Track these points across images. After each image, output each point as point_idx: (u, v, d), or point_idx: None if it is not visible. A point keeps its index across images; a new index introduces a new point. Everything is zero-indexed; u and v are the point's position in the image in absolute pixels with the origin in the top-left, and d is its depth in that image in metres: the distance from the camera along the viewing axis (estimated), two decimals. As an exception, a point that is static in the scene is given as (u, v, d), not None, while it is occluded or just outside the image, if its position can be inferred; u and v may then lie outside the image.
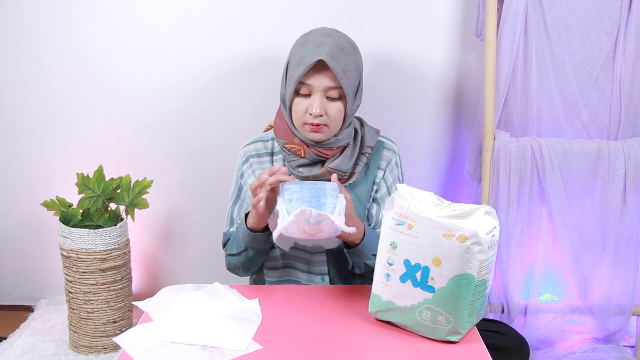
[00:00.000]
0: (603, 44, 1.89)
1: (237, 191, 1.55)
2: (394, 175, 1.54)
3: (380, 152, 1.54)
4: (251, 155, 1.53)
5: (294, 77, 1.38)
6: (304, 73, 1.36)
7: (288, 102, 1.42)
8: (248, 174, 1.52)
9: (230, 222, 1.56)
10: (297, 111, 1.41)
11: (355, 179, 1.49)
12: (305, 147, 1.44)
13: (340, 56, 1.37)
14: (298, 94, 1.40)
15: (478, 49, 1.98)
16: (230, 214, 1.56)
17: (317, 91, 1.38)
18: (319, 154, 1.44)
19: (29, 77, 2.08)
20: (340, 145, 1.45)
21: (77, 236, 1.90)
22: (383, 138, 1.56)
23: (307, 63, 1.35)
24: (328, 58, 1.34)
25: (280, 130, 1.48)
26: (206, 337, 1.15)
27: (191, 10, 2.01)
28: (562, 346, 1.99)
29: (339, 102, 1.40)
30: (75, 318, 1.98)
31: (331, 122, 1.41)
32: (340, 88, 1.38)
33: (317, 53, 1.35)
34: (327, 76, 1.37)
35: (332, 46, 1.36)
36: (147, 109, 2.10)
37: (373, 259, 1.37)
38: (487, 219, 1.13)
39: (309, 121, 1.40)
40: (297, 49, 1.41)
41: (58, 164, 2.15)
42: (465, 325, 1.15)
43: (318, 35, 1.40)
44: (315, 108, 1.37)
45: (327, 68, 1.36)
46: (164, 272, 2.28)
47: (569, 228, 1.94)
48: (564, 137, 1.95)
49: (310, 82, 1.38)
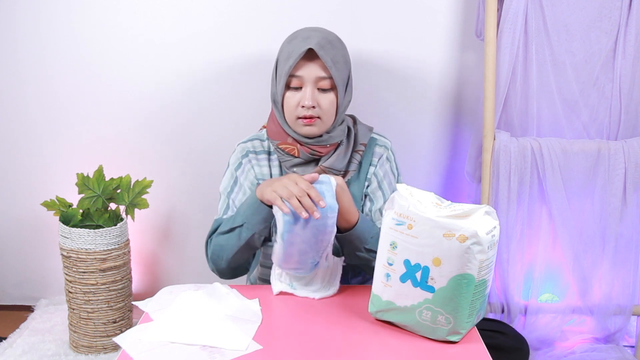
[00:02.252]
0: (603, 44, 1.89)
1: (233, 182, 1.51)
2: (384, 169, 1.53)
3: (372, 148, 1.54)
4: (250, 151, 1.53)
5: (284, 71, 1.39)
6: (294, 64, 1.38)
7: (279, 98, 1.43)
8: (248, 168, 1.51)
9: (225, 210, 1.50)
10: (289, 106, 1.42)
11: (349, 177, 1.49)
12: (299, 146, 1.44)
13: (329, 47, 1.40)
14: (289, 87, 1.42)
15: (478, 49, 1.98)
16: (227, 202, 1.50)
17: (308, 82, 1.40)
18: (312, 152, 1.44)
19: (29, 77, 2.08)
20: (333, 143, 1.46)
21: (77, 236, 1.90)
22: (376, 135, 1.56)
23: (296, 54, 1.38)
24: (317, 47, 1.37)
25: (272, 132, 1.49)
26: (206, 337, 1.15)
27: (191, 11, 2.01)
28: (562, 346, 1.99)
29: (330, 93, 1.41)
30: (75, 318, 1.98)
31: (324, 114, 1.41)
32: (331, 78, 1.40)
33: (305, 44, 1.38)
34: (317, 65, 1.39)
35: (319, 37, 1.39)
36: (147, 108, 2.10)
37: (364, 252, 1.37)
38: (487, 219, 1.13)
39: (301, 114, 1.41)
40: (285, 45, 1.44)
41: (58, 164, 2.15)
42: (465, 325, 1.15)
43: (305, 31, 1.43)
44: (307, 99, 1.39)
45: (317, 58, 1.38)
46: (164, 272, 2.28)
47: (569, 228, 1.94)
48: (564, 137, 1.95)
49: (300, 74, 1.39)
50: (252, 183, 1.51)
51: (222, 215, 1.50)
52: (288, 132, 1.45)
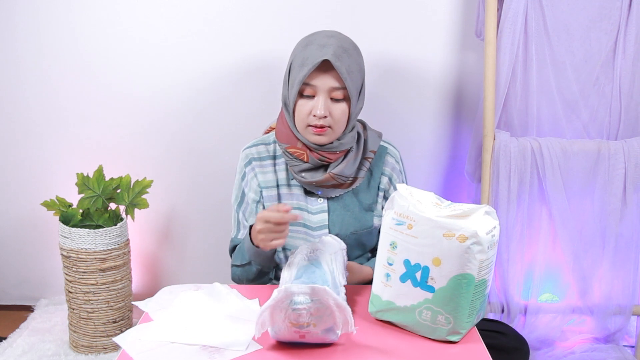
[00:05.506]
0: (603, 44, 1.89)
1: (241, 194, 1.52)
2: (400, 182, 1.52)
3: (383, 157, 1.53)
4: (254, 158, 1.51)
5: (298, 78, 1.37)
6: (309, 74, 1.35)
7: (291, 104, 1.41)
8: (251, 177, 1.50)
9: (237, 227, 1.53)
10: (300, 113, 1.40)
11: (358, 184, 1.48)
12: (308, 152, 1.42)
13: (345, 56, 1.36)
14: (302, 95, 1.39)
15: (478, 49, 1.98)
16: (237, 218, 1.53)
17: (321, 92, 1.37)
18: (322, 158, 1.42)
19: (29, 77, 2.08)
20: (343, 150, 1.44)
21: (77, 236, 1.90)
22: (385, 143, 1.55)
23: (311, 63, 1.34)
24: (333, 58, 1.33)
25: (282, 134, 1.46)
26: (206, 337, 1.15)
27: (190, 11, 2.01)
28: (562, 346, 1.99)
29: (343, 103, 1.39)
30: (75, 318, 1.98)
31: (335, 124, 1.39)
32: (345, 89, 1.37)
33: (321, 53, 1.34)
34: (332, 76, 1.36)
35: (336, 46, 1.36)
36: (147, 109, 2.10)
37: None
38: (487, 219, 1.13)
39: (312, 123, 1.38)
40: (300, 50, 1.40)
41: (58, 164, 2.15)
42: (465, 325, 1.15)
43: (321, 37, 1.39)
44: (320, 109, 1.36)
45: (332, 68, 1.35)
46: (164, 272, 2.28)
47: (569, 228, 1.94)
48: (564, 137, 1.95)
49: (314, 83, 1.37)
50: (256, 193, 1.49)
51: (236, 233, 1.53)
52: (298, 137, 1.43)
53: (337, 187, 1.46)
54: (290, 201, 1.48)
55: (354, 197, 1.49)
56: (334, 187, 1.46)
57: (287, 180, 1.50)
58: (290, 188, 1.49)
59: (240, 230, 1.52)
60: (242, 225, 1.52)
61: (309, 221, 1.47)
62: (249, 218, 1.50)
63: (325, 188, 1.45)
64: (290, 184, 1.49)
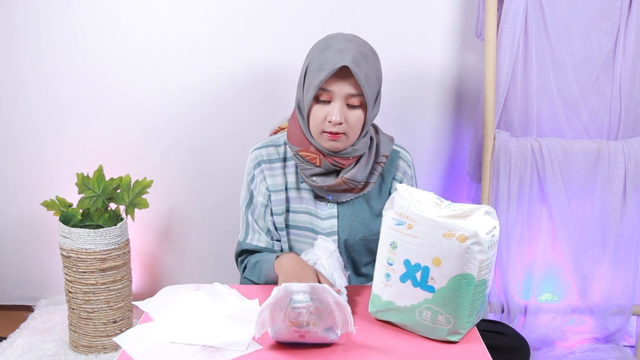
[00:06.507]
0: (603, 44, 1.89)
1: (249, 196, 1.48)
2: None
3: (395, 162, 1.50)
4: (263, 160, 1.46)
5: (315, 83, 1.32)
6: (326, 79, 1.31)
7: (306, 108, 1.37)
8: (259, 180, 1.46)
9: (245, 230, 1.49)
10: (315, 118, 1.35)
11: (370, 189, 1.45)
12: (321, 156, 1.39)
13: (363, 63, 1.32)
14: (317, 100, 1.35)
15: (478, 49, 1.98)
16: (246, 220, 1.49)
17: (337, 98, 1.33)
18: (335, 163, 1.39)
19: (29, 77, 2.08)
20: (356, 155, 1.41)
21: (77, 236, 1.90)
22: (397, 147, 1.52)
23: (329, 69, 1.30)
24: (352, 64, 1.29)
25: (294, 136, 1.43)
26: (206, 337, 1.15)
27: (190, 11, 2.01)
28: (562, 346, 2.00)
29: (358, 110, 1.35)
30: (75, 318, 1.99)
31: (350, 131, 1.36)
32: (362, 95, 1.33)
33: (340, 59, 1.30)
34: (349, 83, 1.32)
35: (355, 52, 1.31)
36: (147, 109, 2.10)
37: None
38: (487, 219, 1.13)
39: (327, 129, 1.34)
40: (318, 53, 1.35)
41: (58, 164, 2.15)
42: (465, 325, 1.15)
43: (339, 41, 1.34)
44: (336, 115, 1.32)
45: (349, 74, 1.31)
46: (164, 272, 2.28)
47: (569, 228, 1.94)
48: (564, 137, 1.95)
49: (331, 89, 1.32)
50: (264, 197, 1.46)
51: (244, 236, 1.49)
52: (311, 142, 1.40)
53: (348, 192, 1.43)
54: (299, 205, 1.46)
55: (365, 203, 1.47)
56: (345, 192, 1.43)
57: (297, 183, 1.47)
58: (300, 192, 1.47)
59: (249, 234, 1.49)
60: (252, 229, 1.48)
61: (318, 227, 1.45)
62: (258, 221, 1.48)
63: (336, 193, 1.43)
64: (300, 188, 1.47)
